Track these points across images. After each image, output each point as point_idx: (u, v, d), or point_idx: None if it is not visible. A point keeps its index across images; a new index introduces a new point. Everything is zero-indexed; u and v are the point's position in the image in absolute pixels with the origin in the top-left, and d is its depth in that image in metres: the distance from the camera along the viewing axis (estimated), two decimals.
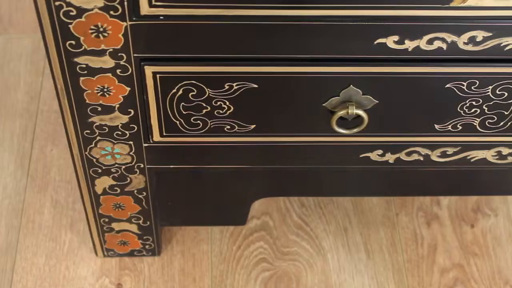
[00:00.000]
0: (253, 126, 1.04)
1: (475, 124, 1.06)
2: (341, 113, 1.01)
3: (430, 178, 1.29)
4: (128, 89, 0.98)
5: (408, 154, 1.11)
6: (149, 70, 0.95)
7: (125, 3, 0.87)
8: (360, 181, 1.30)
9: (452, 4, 0.88)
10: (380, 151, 1.10)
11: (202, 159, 1.11)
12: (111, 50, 0.92)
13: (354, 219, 1.38)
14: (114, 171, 1.11)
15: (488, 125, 1.06)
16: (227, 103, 1.01)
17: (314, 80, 0.98)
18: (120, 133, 1.04)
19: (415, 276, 1.31)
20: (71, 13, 0.87)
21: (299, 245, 1.34)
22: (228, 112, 1.02)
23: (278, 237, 1.35)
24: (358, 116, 1.02)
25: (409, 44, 0.93)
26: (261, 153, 1.09)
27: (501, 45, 0.94)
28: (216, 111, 1.02)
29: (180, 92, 0.99)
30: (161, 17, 0.89)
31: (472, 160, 1.13)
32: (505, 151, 1.11)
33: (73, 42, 0.91)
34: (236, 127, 1.04)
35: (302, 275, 1.30)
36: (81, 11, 0.87)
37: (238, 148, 1.08)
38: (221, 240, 1.34)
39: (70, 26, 0.89)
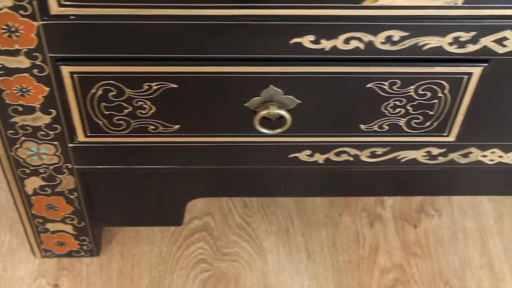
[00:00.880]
0: (177, 127, 1.04)
1: (401, 124, 1.05)
2: (263, 113, 1.01)
3: (374, 178, 1.28)
4: (47, 89, 0.97)
5: (337, 154, 1.11)
6: (65, 70, 0.95)
7: (34, 2, 0.86)
8: (303, 181, 1.29)
9: (363, 4, 0.88)
10: (308, 152, 1.10)
11: (129, 159, 1.10)
12: (26, 50, 0.92)
13: (296, 220, 1.37)
14: (43, 171, 1.11)
15: (415, 125, 1.06)
16: (148, 103, 1.00)
17: (233, 80, 0.97)
18: (44, 133, 1.04)
19: (355, 276, 1.30)
20: None
21: (240, 245, 1.33)
22: (150, 112, 1.01)
23: (219, 237, 1.34)
24: (283, 116, 1.02)
25: (326, 44, 0.93)
26: (188, 153, 1.09)
27: (419, 44, 0.93)
28: (138, 111, 1.01)
29: (100, 92, 0.98)
30: (72, 17, 0.88)
31: (402, 161, 1.12)
32: (434, 151, 1.11)
33: None
34: (160, 127, 1.04)
35: (241, 275, 1.30)
36: None
37: (164, 148, 1.07)
38: (161, 241, 1.33)
39: None
